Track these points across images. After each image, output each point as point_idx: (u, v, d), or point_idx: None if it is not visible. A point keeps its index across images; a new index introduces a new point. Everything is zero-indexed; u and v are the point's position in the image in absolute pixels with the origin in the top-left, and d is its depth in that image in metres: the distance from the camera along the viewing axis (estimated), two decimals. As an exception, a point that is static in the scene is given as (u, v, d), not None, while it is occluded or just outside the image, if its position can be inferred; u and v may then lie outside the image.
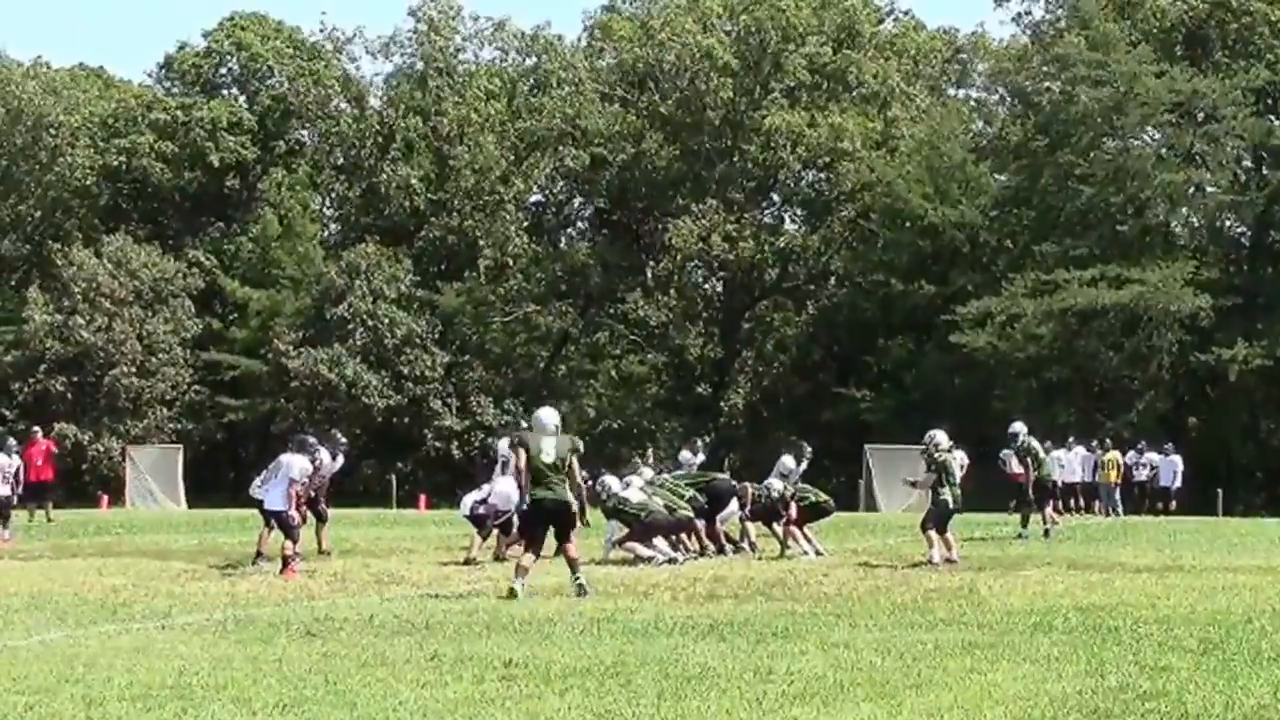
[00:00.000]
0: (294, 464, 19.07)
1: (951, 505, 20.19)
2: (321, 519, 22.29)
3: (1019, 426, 26.94)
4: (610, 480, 21.62)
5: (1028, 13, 61.99)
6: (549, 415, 16.45)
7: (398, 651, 11.00)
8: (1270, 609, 13.56)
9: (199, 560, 20.56)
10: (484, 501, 20.94)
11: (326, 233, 66.10)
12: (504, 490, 20.17)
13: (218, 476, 57.16)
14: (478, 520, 20.93)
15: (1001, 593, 15.47)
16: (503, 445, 21.96)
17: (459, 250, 61.98)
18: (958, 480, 20.66)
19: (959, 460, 21.43)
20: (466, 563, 20.04)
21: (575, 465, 16.19)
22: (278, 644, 11.57)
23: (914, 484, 20.74)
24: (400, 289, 57.76)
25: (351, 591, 16.19)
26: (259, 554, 19.77)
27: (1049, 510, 26.77)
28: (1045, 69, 56.17)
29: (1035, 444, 26.83)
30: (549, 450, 15.84)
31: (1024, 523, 26.57)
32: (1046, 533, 25.84)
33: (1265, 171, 55.36)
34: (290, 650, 11.18)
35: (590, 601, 14.74)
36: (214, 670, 10.13)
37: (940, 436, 20.64)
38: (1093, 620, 12.83)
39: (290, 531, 18.62)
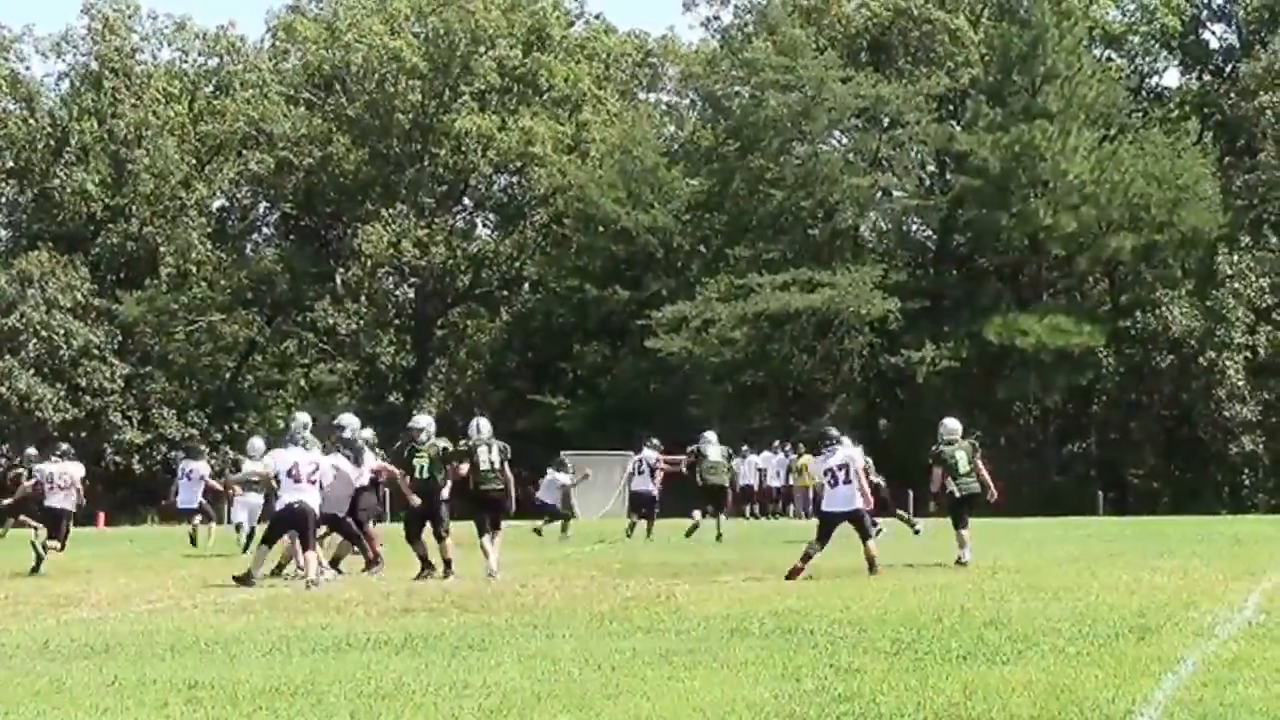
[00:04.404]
0: None
1: None
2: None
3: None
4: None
5: (716, 18, 63.53)
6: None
7: (75, 677, 10.46)
8: (959, 607, 13.83)
9: None
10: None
11: (-5, 240, 63.56)
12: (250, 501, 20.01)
13: None
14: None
15: (699, 599, 15.47)
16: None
17: (139, 257, 60.34)
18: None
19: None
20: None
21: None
22: (-57, 674, 10.92)
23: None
24: (77, 298, 55.99)
25: (25, 615, 15.39)
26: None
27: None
28: (735, 73, 57.34)
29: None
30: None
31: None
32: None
33: (948, 176, 57.27)
34: (-43, 681, 10.56)
35: (307, 617, 14.34)
36: None
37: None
38: (788, 624, 12.90)
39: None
